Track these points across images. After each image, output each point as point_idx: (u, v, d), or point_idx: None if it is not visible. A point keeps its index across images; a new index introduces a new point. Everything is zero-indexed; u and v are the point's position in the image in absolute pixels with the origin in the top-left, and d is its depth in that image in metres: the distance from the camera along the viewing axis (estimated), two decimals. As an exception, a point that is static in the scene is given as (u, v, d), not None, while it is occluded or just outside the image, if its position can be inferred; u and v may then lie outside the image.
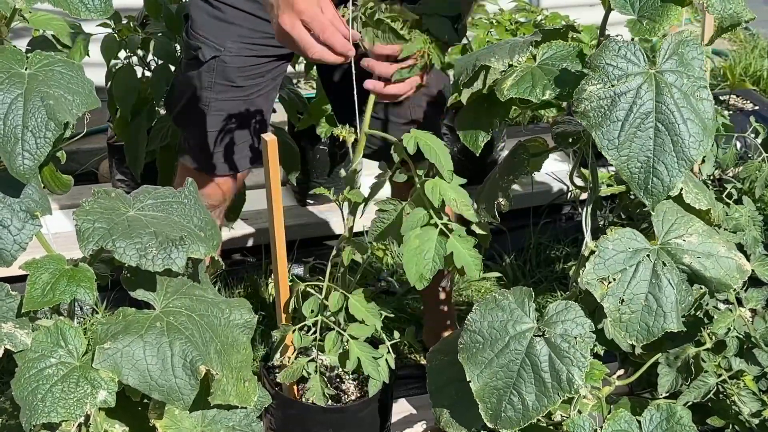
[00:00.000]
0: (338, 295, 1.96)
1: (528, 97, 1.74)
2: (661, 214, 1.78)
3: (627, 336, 1.75)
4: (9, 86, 1.48)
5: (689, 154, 1.63)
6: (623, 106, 1.63)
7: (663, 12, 1.66)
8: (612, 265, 1.73)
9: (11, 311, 1.55)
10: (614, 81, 1.63)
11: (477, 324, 1.78)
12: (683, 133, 1.63)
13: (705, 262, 1.75)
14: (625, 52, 1.64)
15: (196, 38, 2.26)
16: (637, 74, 1.64)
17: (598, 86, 1.63)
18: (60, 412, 1.44)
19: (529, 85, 1.75)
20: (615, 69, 1.63)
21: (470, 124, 1.94)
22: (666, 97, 1.63)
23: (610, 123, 1.63)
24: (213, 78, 2.25)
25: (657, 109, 1.63)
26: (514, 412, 1.75)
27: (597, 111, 1.63)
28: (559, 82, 1.74)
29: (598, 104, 1.63)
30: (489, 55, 1.82)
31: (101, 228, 1.50)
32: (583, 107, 1.63)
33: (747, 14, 1.79)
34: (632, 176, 1.65)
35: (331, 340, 1.95)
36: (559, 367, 1.72)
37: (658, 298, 1.73)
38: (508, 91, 1.75)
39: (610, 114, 1.63)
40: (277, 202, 1.88)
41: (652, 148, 1.64)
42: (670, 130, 1.63)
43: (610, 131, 1.63)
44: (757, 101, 3.81)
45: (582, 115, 1.64)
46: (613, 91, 1.63)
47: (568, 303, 1.76)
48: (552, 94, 1.73)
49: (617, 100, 1.63)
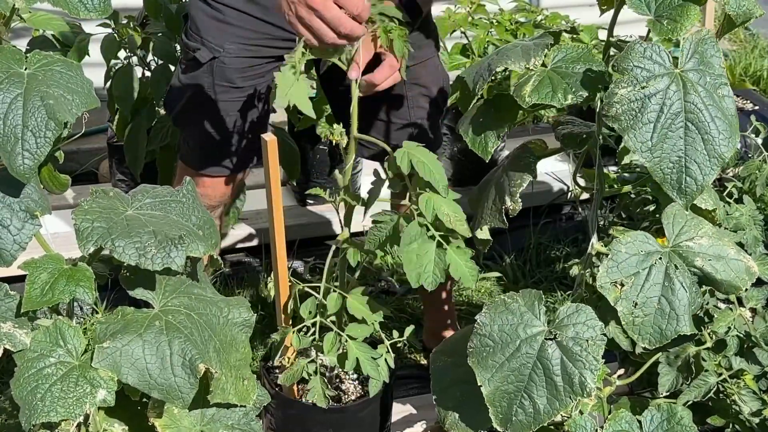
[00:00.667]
0: (336, 296, 1.95)
1: (550, 103, 1.73)
2: (671, 217, 1.78)
3: (640, 339, 1.75)
4: (8, 86, 1.48)
5: (720, 151, 1.64)
6: (654, 108, 1.63)
7: (683, 12, 1.67)
8: (625, 269, 1.73)
9: (10, 311, 1.55)
10: (643, 83, 1.63)
11: (487, 328, 1.77)
12: (713, 130, 1.64)
13: (716, 265, 1.75)
14: (650, 54, 1.64)
15: (195, 39, 2.25)
16: (664, 75, 1.64)
17: (628, 89, 1.63)
18: (59, 412, 1.44)
19: (549, 90, 1.74)
20: (642, 71, 1.64)
21: (477, 131, 1.92)
22: (693, 96, 1.64)
23: (642, 125, 1.64)
24: (212, 79, 2.25)
25: (686, 109, 1.64)
26: (525, 416, 1.74)
27: (628, 114, 1.63)
28: (578, 85, 1.74)
29: (629, 107, 1.63)
30: (504, 59, 1.81)
31: (100, 227, 1.50)
32: (615, 111, 1.64)
33: (757, 11, 1.80)
34: (665, 177, 1.66)
35: (330, 341, 1.95)
36: (571, 370, 1.71)
37: (671, 301, 1.73)
38: (529, 98, 1.75)
39: (641, 116, 1.63)
40: (277, 202, 1.88)
41: (683, 148, 1.64)
42: (700, 129, 1.64)
43: (643, 133, 1.64)
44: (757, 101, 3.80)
45: (613, 119, 1.64)
46: (642, 93, 1.63)
47: (578, 305, 1.75)
48: (574, 99, 1.73)
49: (647, 102, 1.63)
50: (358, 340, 1.96)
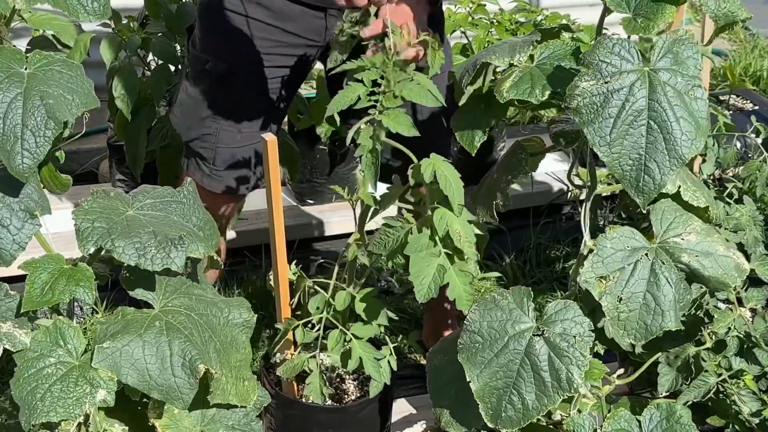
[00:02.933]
0: (345, 294, 1.96)
1: (528, 98, 1.73)
2: (659, 213, 1.78)
3: (625, 335, 1.75)
4: (8, 85, 1.49)
5: (681, 153, 1.63)
6: (616, 103, 1.62)
7: (657, 10, 1.66)
8: (610, 264, 1.73)
9: (10, 311, 1.55)
10: (607, 78, 1.62)
11: (476, 324, 1.78)
12: (675, 131, 1.62)
13: (703, 261, 1.75)
14: (618, 50, 1.63)
15: (205, 51, 2.19)
16: (631, 72, 1.63)
17: (591, 83, 1.62)
18: (59, 412, 1.44)
19: (528, 86, 1.74)
20: (608, 66, 1.63)
21: (467, 125, 1.93)
22: (659, 95, 1.62)
23: (602, 120, 1.62)
24: (224, 93, 2.19)
25: (650, 107, 1.63)
26: (514, 412, 1.75)
27: (589, 107, 1.62)
28: (555, 81, 1.74)
29: (591, 101, 1.62)
30: (489, 54, 1.82)
31: (100, 227, 1.51)
32: (576, 103, 1.63)
33: (742, 13, 1.79)
34: (624, 173, 1.65)
35: (334, 338, 1.95)
36: (558, 366, 1.72)
37: (656, 297, 1.73)
38: (507, 93, 1.75)
39: (602, 111, 1.62)
40: (277, 202, 1.88)
41: (644, 146, 1.63)
42: (663, 128, 1.62)
43: (602, 128, 1.63)
44: (757, 101, 3.81)
45: (575, 112, 1.63)
46: (606, 88, 1.62)
47: (566, 302, 1.76)
48: (551, 96, 1.73)
49: (610, 96, 1.62)
50: (362, 340, 1.96)
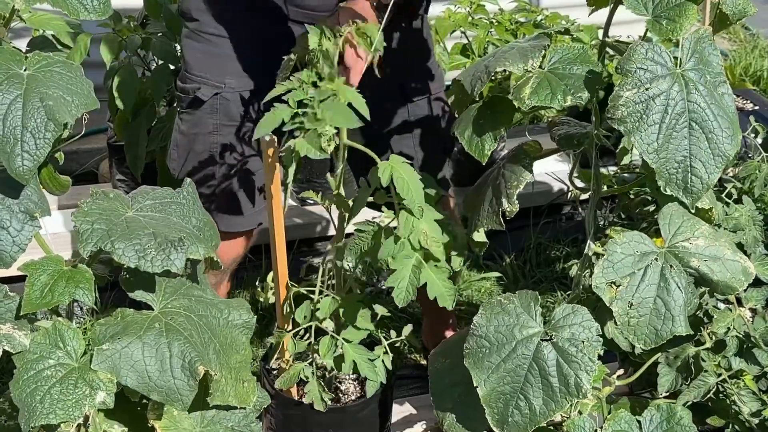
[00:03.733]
0: (329, 300, 1.95)
1: (550, 105, 1.72)
2: (667, 217, 1.77)
3: (635, 339, 1.75)
4: (8, 87, 1.48)
5: (724, 149, 1.64)
6: (658, 109, 1.63)
7: (681, 11, 1.66)
8: (621, 269, 1.73)
9: (10, 312, 1.55)
10: (647, 84, 1.63)
11: (483, 329, 1.78)
12: (716, 129, 1.64)
13: (712, 266, 1.75)
14: (652, 55, 1.64)
15: (192, 80, 2.16)
16: (666, 75, 1.64)
17: (633, 91, 1.63)
18: (59, 414, 1.44)
19: (548, 92, 1.73)
20: (646, 72, 1.63)
21: (474, 132, 1.91)
22: (695, 96, 1.63)
23: (647, 127, 1.64)
24: (217, 119, 2.14)
25: (689, 109, 1.64)
26: (522, 417, 1.75)
27: (633, 116, 1.63)
28: (577, 86, 1.72)
29: (634, 109, 1.63)
30: (502, 60, 1.80)
31: (100, 229, 1.50)
32: (620, 113, 1.63)
33: (751, 9, 1.81)
34: (670, 177, 1.66)
35: (326, 344, 1.94)
36: (567, 371, 1.71)
37: (666, 302, 1.73)
38: (529, 100, 1.73)
39: (646, 118, 1.63)
40: (277, 202, 1.88)
41: (688, 147, 1.65)
42: (704, 128, 1.64)
43: (649, 134, 1.64)
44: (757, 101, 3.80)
45: (619, 122, 1.64)
46: (646, 95, 1.63)
47: (574, 306, 1.75)
48: (573, 101, 1.72)
49: (651, 103, 1.63)
50: (353, 343, 1.95)
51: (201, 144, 2.17)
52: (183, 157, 2.21)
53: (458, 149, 3.37)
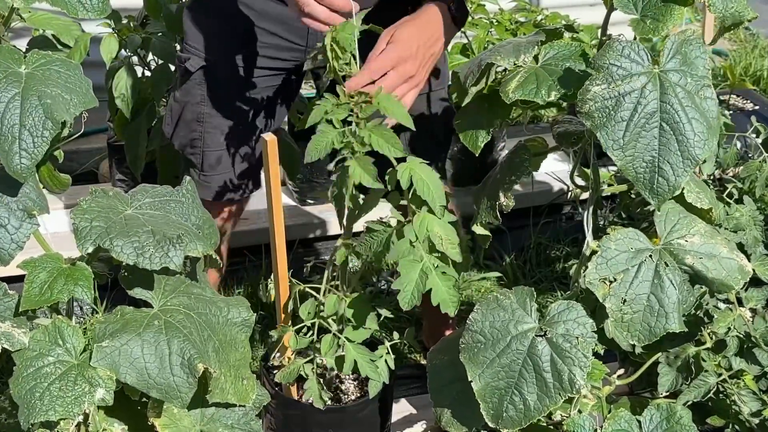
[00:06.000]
0: (334, 298, 1.95)
1: (533, 99, 1.72)
2: (663, 215, 1.77)
3: (629, 336, 1.75)
4: (6, 85, 1.48)
5: (694, 153, 1.63)
6: (628, 106, 1.62)
7: (666, 11, 1.66)
8: (614, 265, 1.73)
9: (9, 310, 1.55)
10: (618, 81, 1.62)
11: (479, 324, 1.78)
12: (688, 132, 1.62)
13: (707, 263, 1.74)
14: (628, 52, 1.63)
15: (186, 50, 2.20)
16: (641, 74, 1.63)
17: (603, 86, 1.62)
18: (58, 411, 1.44)
19: (533, 86, 1.74)
20: (619, 69, 1.63)
21: (470, 125, 1.93)
22: (670, 97, 1.62)
23: (614, 123, 1.62)
24: (204, 91, 2.19)
25: (662, 109, 1.63)
26: (516, 412, 1.75)
27: (601, 111, 1.62)
28: (563, 82, 1.73)
29: (603, 104, 1.62)
30: (494, 54, 1.81)
31: (99, 227, 1.50)
32: (588, 108, 1.63)
33: (749, 13, 1.78)
34: (637, 176, 1.65)
35: (328, 343, 1.94)
36: (560, 367, 1.71)
37: (660, 299, 1.73)
38: (513, 93, 1.74)
39: (614, 114, 1.62)
40: (277, 202, 1.88)
41: (657, 148, 1.63)
42: (675, 130, 1.63)
43: (615, 131, 1.63)
44: (757, 101, 3.80)
45: (586, 116, 1.63)
46: (617, 91, 1.62)
47: (569, 303, 1.75)
48: (557, 95, 1.72)
49: (621, 100, 1.62)
50: (355, 343, 1.95)
51: (190, 113, 2.23)
52: (174, 122, 2.28)
53: (458, 149, 3.38)
